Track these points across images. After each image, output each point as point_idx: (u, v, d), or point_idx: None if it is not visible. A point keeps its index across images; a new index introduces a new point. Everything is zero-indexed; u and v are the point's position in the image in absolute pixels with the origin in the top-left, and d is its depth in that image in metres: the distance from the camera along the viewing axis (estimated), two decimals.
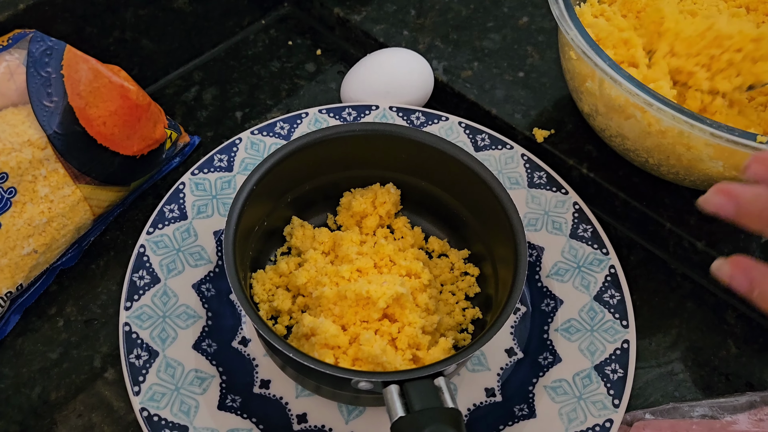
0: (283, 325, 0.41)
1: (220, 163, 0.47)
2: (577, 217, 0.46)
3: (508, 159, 0.49)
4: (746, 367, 0.45)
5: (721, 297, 0.48)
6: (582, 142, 0.51)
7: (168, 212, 0.44)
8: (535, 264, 0.45)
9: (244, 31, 0.59)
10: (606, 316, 0.42)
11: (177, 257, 0.43)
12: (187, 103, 0.54)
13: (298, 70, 0.57)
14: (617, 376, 0.40)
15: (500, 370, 0.41)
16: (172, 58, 0.55)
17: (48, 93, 0.40)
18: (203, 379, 0.39)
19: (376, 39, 0.57)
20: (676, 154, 0.42)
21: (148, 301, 0.40)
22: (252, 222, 0.40)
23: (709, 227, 0.47)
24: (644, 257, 0.49)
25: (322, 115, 0.50)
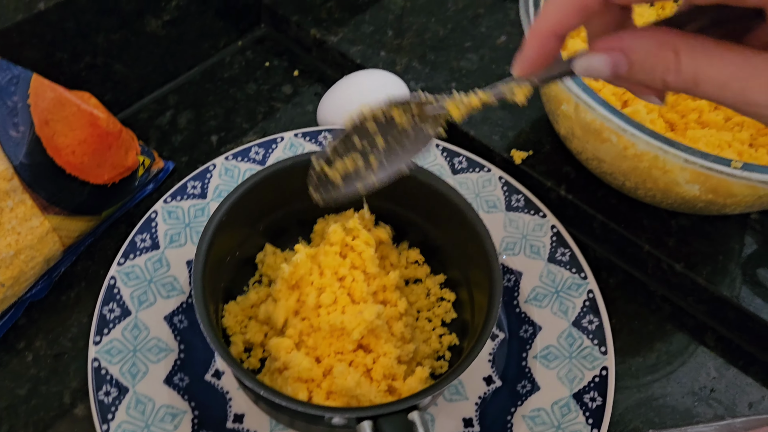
0: (256, 358, 0.40)
1: (193, 190, 0.46)
2: (555, 241, 0.46)
3: (486, 182, 0.48)
4: (726, 391, 0.44)
5: (700, 319, 0.47)
6: (560, 164, 0.51)
7: (140, 242, 0.43)
8: (513, 289, 0.45)
9: (220, 53, 0.59)
10: (584, 342, 0.42)
11: (149, 288, 0.42)
12: (161, 128, 0.53)
13: (274, 93, 0.57)
14: (596, 404, 0.39)
15: (478, 399, 0.41)
16: (146, 82, 0.54)
17: (14, 123, 0.39)
18: (174, 414, 0.38)
19: (353, 60, 0.56)
20: (653, 178, 0.41)
21: (118, 335, 0.40)
22: (223, 251, 0.39)
23: (687, 249, 0.47)
24: (623, 279, 0.49)
25: (298, 139, 0.49)
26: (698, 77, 0.21)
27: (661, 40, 0.21)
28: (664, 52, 0.21)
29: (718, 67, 0.20)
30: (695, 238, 0.48)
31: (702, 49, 0.21)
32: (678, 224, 0.48)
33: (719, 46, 0.21)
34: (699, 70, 0.21)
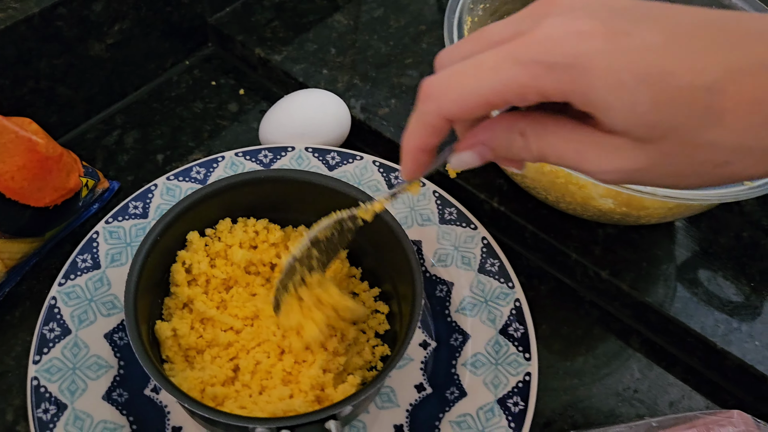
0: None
1: (135, 210, 0.47)
2: (485, 252, 0.48)
3: (420, 196, 0.50)
4: (649, 391, 0.47)
5: (626, 322, 0.50)
6: (493, 177, 0.53)
7: (81, 262, 0.45)
8: (445, 299, 0.47)
9: (167, 72, 0.60)
10: (510, 349, 0.44)
11: (89, 307, 0.43)
12: (108, 148, 0.55)
13: (220, 111, 0.58)
14: (518, 408, 0.41)
15: (409, 406, 0.43)
16: (93, 103, 0.56)
17: None
18: (112, 429, 0.39)
19: (296, 78, 0.58)
20: (570, 192, 0.44)
21: (58, 354, 0.41)
22: (160, 271, 0.41)
23: (613, 257, 0.49)
24: (554, 286, 0.51)
25: (239, 158, 0.51)
26: (543, 152, 0.24)
27: (509, 126, 0.25)
28: (513, 137, 0.25)
29: (556, 143, 0.24)
30: (620, 246, 0.50)
31: (542, 128, 0.24)
32: (605, 233, 0.51)
33: (556, 124, 0.24)
34: (542, 146, 0.24)
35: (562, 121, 0.24)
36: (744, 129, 0.20)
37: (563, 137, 0.23)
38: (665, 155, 0.21)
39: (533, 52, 0.21)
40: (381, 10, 0.64)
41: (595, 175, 0.23)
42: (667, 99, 0.20)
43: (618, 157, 0.22)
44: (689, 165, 0.21)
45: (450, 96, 0.24)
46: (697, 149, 0.21)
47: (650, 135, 0.21)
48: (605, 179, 0.23)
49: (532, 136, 0.24)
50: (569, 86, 0.21)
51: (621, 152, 0.22)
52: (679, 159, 0.21)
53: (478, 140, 0.26)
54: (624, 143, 0.22)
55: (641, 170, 0.22)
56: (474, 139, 0.26)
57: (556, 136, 0.23)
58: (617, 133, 0.22)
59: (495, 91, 0.22)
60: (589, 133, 0.22)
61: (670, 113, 0.20)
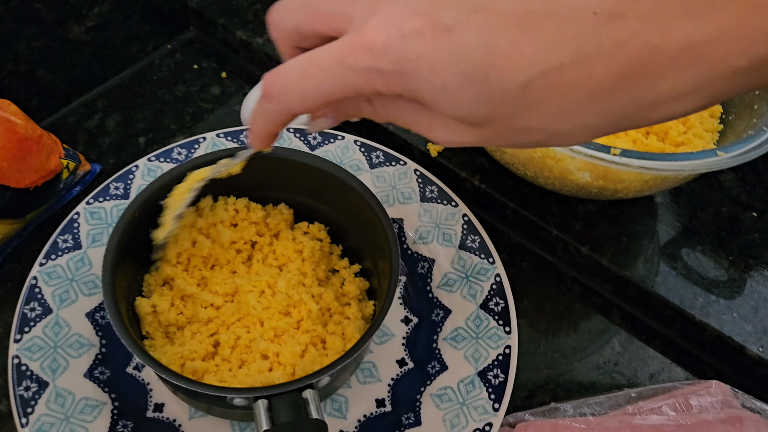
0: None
1: (116, 191, 0.47)
2: (466, 229, 0.48)
3: (402, 174, 0.51)
4: (629, 365, 0.47)
5: (607, 297, 0.50)
6: (474, 156, 0.53)
7: (61, 242, 0.45)
8: (426, 275, 0.47)
9: (149, 56, 0.60)
10: (491, 324, 0.44)
11: (70, 287, 0.43)
12: (89, 131, 0.55)
13: (203, 94, 0.58)
14: (498, 380, 0.42)
15: (391, 381, 0.43)
16: (74, 86, 0.56)
17: None
18: (94, 406, 0.39)
19: (278, 61, 0.57)
20: (548, 167, 0.44)
21: (39, 333, 0.41)
22: (138, 248, 0.41)
23: (593, 232, 0.50)
24: (536, 262, 0.51)
25: (220, 139, 0.51)
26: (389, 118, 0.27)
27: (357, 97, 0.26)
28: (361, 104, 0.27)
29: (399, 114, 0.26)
30: (601, 221, 0.50)
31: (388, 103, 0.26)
32: (585, 209, 0.51)
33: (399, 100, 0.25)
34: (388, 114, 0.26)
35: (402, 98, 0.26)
36: (550, 116, 0.22)
37: (403, 108, 0.25)
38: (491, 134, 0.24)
39: (363, 60, 0.22)
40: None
41: (435, 142, 0.26)
42: (486, 96, 0.22)
43: (453, 133, 0.25)
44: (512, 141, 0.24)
45: (292, 97, 0.25)
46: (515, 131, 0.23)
47: (477, 122, 0.23)
48: (444, 144, 0.26)
49: (377, 104, 0.26)
50: (400, 88, 0.23)
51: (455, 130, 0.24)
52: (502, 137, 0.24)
53: (330, 109, 0.28)
54: (456, 124, 0.24)
55: (475, 143, 0.25)
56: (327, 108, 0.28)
57: (396, 107, 0.25)
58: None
59: (333, 92, 0.24)
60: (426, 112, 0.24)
61: (489, 107, 0.22)
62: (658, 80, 0.20)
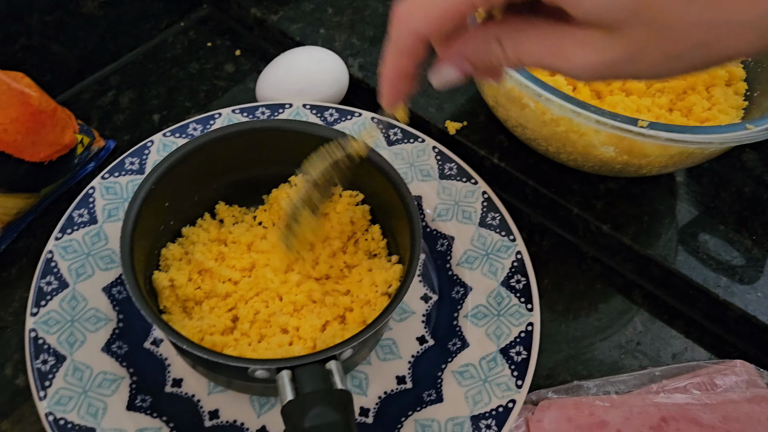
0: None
1: (131, 166, 0.47)
2: (485, 206, 0.47)
3: (420, 152, 0.50)
4: (652, 344, 0.46)
5: (629, 277, 0.49)
6: (493, 133, 0.52)
7: (77, 217, 0.44)
8: (446, 253, 0.46)
9: (162, 33, 0.60)
10: (512, 301, 0.44)
11: (86, 261, 0.43)
12: (103, 108, 0.54)
13: (217, 72, 0.58)
14: (521, 357, 0.41)
15: (411, 358, 0.42)
16: (87, 62, 0.55)
17: None
18: (112, 380, 0.39)
19: (293, 38, 0.57)
20: (571, 142, 0.43)
21: (56, 307, 0.40)
22: (155, 221, 0.40)
23: (614, 211, 0.49)
24: (556, 242, 0.51)
25: (236, 115, 0.50)
26: (519, 56, 0.24)
27: (484, 35, 0.25)
28: (489, 44, 0.25)
29: (530, 45, 0.24)
30: (622, 200, 0.50)
31: (517, 32, 0.24)
32: (606, 188, 0.50)
33: (529, 25, 0.24)
34: (518, 50, 0.24)
35: (535, 22, 0.24)
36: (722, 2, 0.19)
37: (537, 37, 0.23)
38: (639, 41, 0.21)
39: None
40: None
41: (571, 73, 0.23)
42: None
43: (592, 50, 0.22)
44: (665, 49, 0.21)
45: (417, 12, 0.24)
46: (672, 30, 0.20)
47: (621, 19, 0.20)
48: (581, 76, 0.23)
49: (507, 41, 0.24)
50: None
51: (595, 45, 0.22)
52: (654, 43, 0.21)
53: (455, 52, 0.26)
54: (596, 35, 0.21)
55: (617, 62, 0.22)
56: (452, 52, 0.26)
57: (530, 37, 0.24)
58: (588, 24, 0.22)
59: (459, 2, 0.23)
60: (561, 30, 0.22)
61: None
62: None
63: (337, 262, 0.43)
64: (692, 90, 0.47)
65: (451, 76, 0.27)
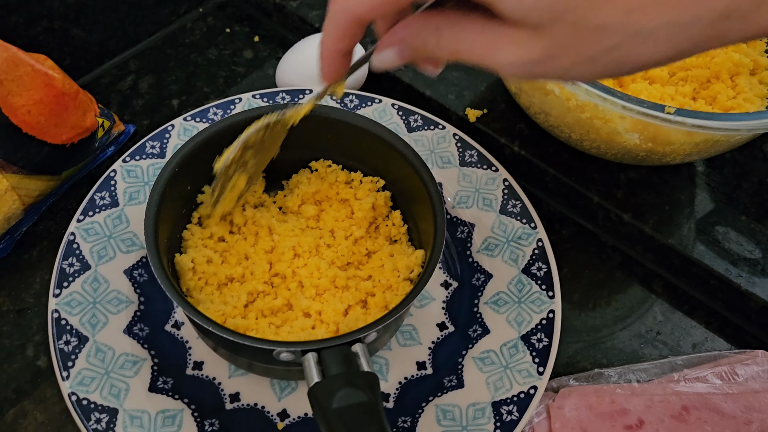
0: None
1: (152, 150, 0.47)
2: (506, 194, 0.47)
3: (440, 139, 0.50)
4: (672, 333, 0.46)
5: (649, 267, 0.49)
6: (514, 121, 0.52)
7: (99, 200, 0.44)
8: (467, 240, 0.46)
9: (181, 19, 0.59)
10: (533, 288, 0.43)
11: (108, 244, 0.43)
12: (122, 92, 0.54)
13: (236, 58, 0.58)
14: (542, 344, 0.41)
15: (431, 344, 0.42)
16: (107, 47, 0.55)
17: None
18: (134, 362, 0.39)
19: (312, 24, 0.57)
20: (595, 128, 0.43)
21: (78, 288, 0.41)
22: (177, 205, 0.40)
23: (635, 200, 0.49)
24: (575, 231, 0.50)
25: (256, 100, 0.50)
26: (455, 48, 0.24)
27: (425, 23, 0.25)
28: (429, 33, 0.25)
29: (466, 38, 0.24)
30: (643, 189, 0.49)
31: (455, 23, 0.24)
32: (627, 177, 0.50)
33: (467, 18, 0.24)
34: (455, 42, 0.24)
35: (473, 16, 0.24)
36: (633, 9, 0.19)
37: (473, 31, 0.23)
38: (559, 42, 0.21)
39: None
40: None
41: (498, 70, 0.24)
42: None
43: (517, 48, 0.22)
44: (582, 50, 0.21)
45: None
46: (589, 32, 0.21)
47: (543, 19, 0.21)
48: (508, 73, 0.24)
49: (446, 32, 0.24)
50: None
51: (520, 43, 0.22)
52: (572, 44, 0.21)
53: (396, 38, 0.26)
54: (522, 33, 0.22)
55: (538, 61, 0.22)
56: (393, 37, 0.26)
57: (466, 30, 0.24)
58: (516, 23, 0.22)
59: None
60: (494, 27, 0.23)
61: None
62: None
63: (358, 248, 0.43)
64: (716, 79, 0.47)
65: (391, 60, 0.27)
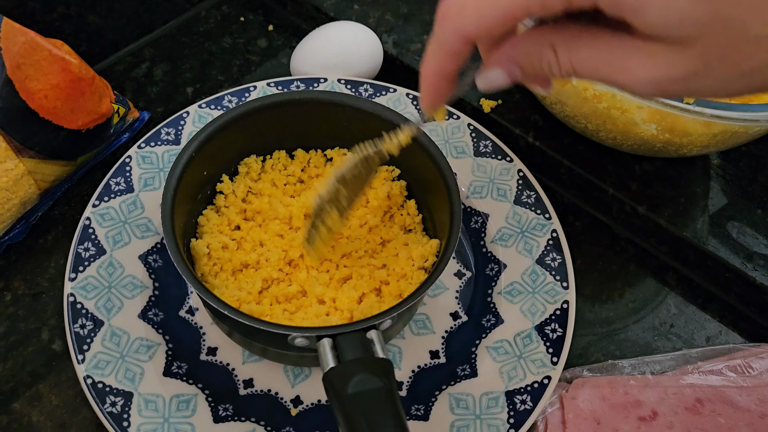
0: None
1: (167, 137, 0.47)
2: (521, 184, 0.47)
3: (455, 129, 0.49)
4: (685, 326, 0.46)
5: (662, 259, 0.49)
6: (528, 112, 0.52)
7: (114, 185, 0.44)
8: (480, 230, 0.46)
9: (195, 7, 0.59)
10: (547, 279, 0.43)
11: (123, 229, 0.43)
12: (137, 80, 0.54)
13: (250, 46, 0.58)
14: (557, 335, 0.41)
15: (445, 333, 0.42)
16: (122, 34, 0.55)
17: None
18: (149, 347, 0.39)
19: (327, 13, 0.57)
20: (612, 119, 0.43)
21: (93, 272, 0.41)
22: (193, 190, 0.40)
23: (650, 192, 0.48)
24: (589, 223, 0.50)
25: (271, 88, 0.50)
26: (574, 66, 0.23)
27: (538, 40, 0.23)
28: (543, 51, 0.23)
29: (587, 56, 0.22)
30: (658, 181, 0.49)
31: (573, 40, 0.22)
32: (642, 169, 0.50)
33: (587, 34, 0.22)
34: (573, 59, 0.23)
35: (594, 31, 0.22)
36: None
37: (595, 48, 0.22)
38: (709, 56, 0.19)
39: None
40: None
41: (630, 88, 0.22)
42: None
43: (657, 64, 0.20)
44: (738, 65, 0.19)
45: (467, 12, 0.22)
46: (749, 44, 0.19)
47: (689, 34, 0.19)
48: (642, 91, 0.22)
49: (562, 49, 0.23)
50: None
51: (660, 59, 0.20)
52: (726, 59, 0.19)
53: (505, 57, 0.25)
54: (660, 49, 0.20)
55: (683, 78, 0.20)
56: (501, 56, 0.25)
57: (588, 47, 0.22)
58: (653, 38, 0.20)
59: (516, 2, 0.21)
60: (622, 41, 0.21)
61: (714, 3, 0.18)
62: None
63: (373, 237, 0.43)
64: None
65: (499, 80, 0.25)
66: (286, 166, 0.45)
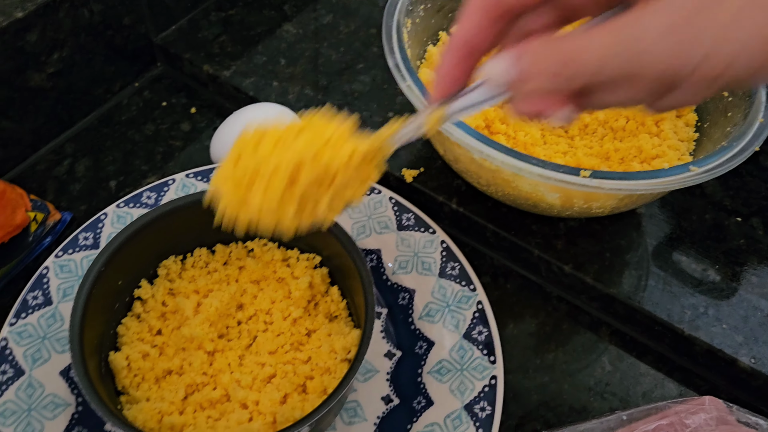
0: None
1: (85, 242, 0.46)
2: (444, 256, 0.47)
3: (377, 203, 0.50)
4: (620, 384, 0.46)
5: (595, 315, 0.49)
6: (450, 178, 0.52)
7: (31, 300, 0.44)
8: (408, 307, 0.46)
9: (116, 96, 0.59)
10: (475, 354, 0.43)
11: (42, 345, 0.42)
12: (59, 178, 0.54)
13: (173, 131, 0.58)
14: (486, 413, 0.41)
15: (377, 419, 0.42)
16: (40, 134, 0.55)
17: None
18: None
19: (247, 93, 0.57)
20: (518, 189, 0.43)
21: (11, 397, 0.40)
22: (110, 300, 0.40)
23: (575, 250, 0.49)
24: (521, 284, 0.50)
25: (190, 180, 0.50)
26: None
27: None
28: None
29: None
30: (582, 238, 0.49)
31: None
32: (566, 226, 0.50)
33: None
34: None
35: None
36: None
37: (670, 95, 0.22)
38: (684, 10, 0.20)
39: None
40: (330, 16, 0.63)
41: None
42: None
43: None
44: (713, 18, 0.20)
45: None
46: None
47: None
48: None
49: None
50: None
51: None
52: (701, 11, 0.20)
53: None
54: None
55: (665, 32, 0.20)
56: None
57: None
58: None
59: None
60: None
61: None
62: None
63: (297, 329, 0.42)
64: (642, 125, 0.47)
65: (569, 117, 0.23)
66: (208, 262, 0.45)
